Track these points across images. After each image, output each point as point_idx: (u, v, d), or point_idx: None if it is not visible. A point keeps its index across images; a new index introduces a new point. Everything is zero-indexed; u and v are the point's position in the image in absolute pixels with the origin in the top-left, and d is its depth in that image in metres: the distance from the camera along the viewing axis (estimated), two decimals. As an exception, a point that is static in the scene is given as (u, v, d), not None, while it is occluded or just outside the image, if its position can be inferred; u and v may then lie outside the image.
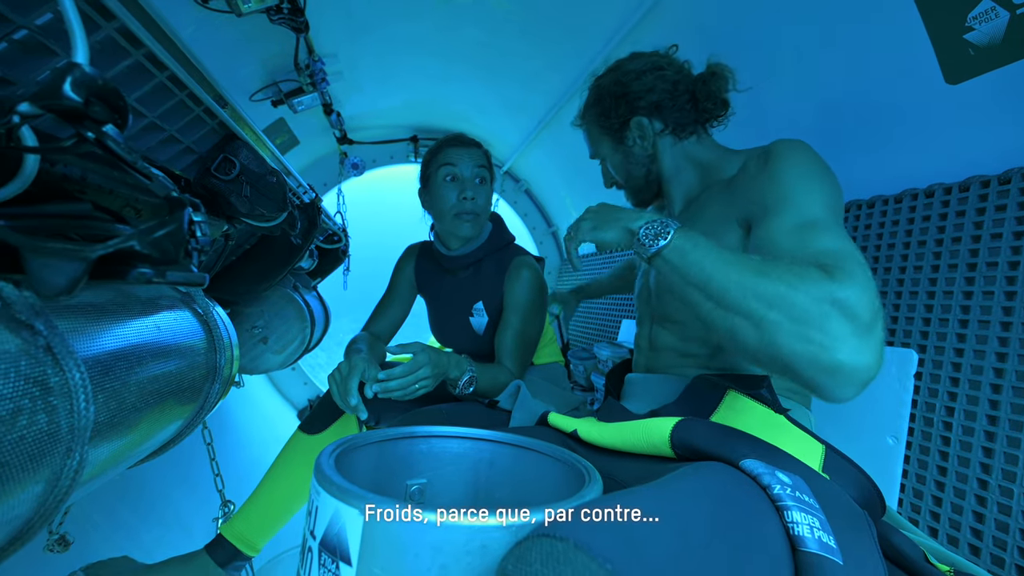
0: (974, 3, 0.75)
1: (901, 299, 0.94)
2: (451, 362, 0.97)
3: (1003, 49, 0.74)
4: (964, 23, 0.77)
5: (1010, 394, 0.75)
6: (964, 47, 0.78)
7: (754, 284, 0.50)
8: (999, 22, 0.73)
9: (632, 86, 0.83)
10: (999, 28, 0.73)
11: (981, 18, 0.75)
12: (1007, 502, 0.73)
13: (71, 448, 0.32)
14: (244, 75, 1.49)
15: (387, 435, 0.69)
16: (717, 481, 0.46)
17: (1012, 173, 0.79)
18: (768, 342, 0.49)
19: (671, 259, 0.56)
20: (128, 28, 0.57)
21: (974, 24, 0.76)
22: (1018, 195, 0.78)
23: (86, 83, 0.38)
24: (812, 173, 0.63)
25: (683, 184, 0.85)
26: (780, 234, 0.58)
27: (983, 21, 0.75)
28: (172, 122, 0.78)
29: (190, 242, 0.50)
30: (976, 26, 0.76)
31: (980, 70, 0.78)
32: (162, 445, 0.62)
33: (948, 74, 0.83)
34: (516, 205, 2.90)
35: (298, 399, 2.65)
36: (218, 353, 0.68)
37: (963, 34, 0.78)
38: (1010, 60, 0.74)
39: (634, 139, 0.86)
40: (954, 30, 0.78)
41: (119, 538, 1.05)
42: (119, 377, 0.42)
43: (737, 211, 0.70)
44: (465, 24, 1.63)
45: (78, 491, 0.38)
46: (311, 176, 2.47)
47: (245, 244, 1.35)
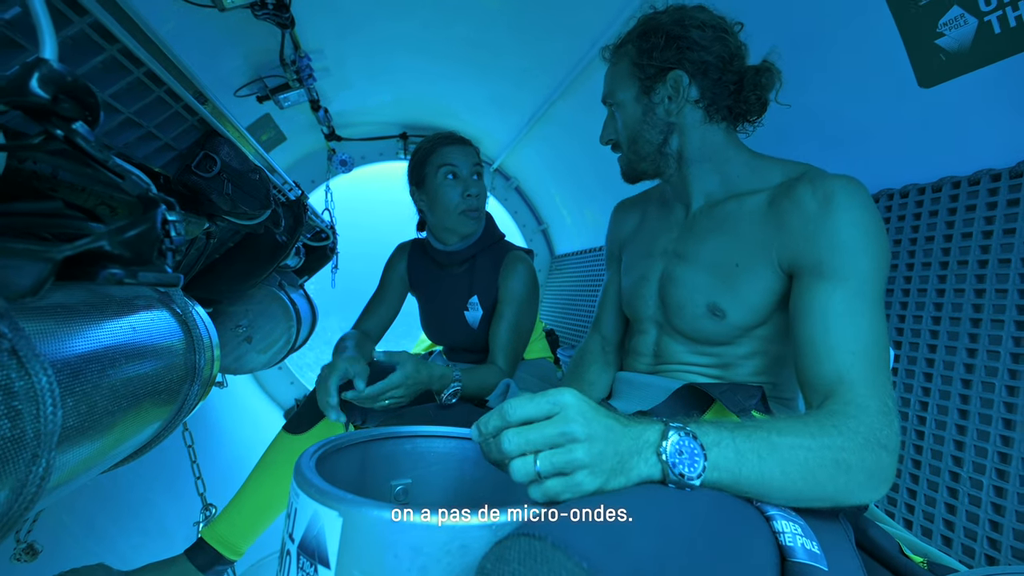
0: (944, 10, 0.76)
1: (878, 298, 0.96)
2: (434, 375, 0.98)
3: (972, 54, 0.76)
4: (935, 29, 0.79)
5: (979, 389, 0.77)
6: (936, 52, 0.80)
7: (808, 476, 0.49)
8: (968, 28, 0.75)
9: (692, 33, 0.72)
10: (968, 34, 0.75)
11: (951, 24, 0.76)
12: (977, 494, 0.75)
13: (37, 454, 0.31)
14: (227, 70, 1.46)
15: (371, 435, 0.69)
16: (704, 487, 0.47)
17: (981, 174, 0.82)
18: (840, 500, 0.53)
19: (714, 480, 0.47)
20: (101, 23, 0.56)
21: (944, 30, 0.78)
22: (987, 195, 0.80)
23: (54, 79, 0.37)
24: (874, 235, 0.61)
25: (707, 176, 0.76)
26: (833, 313, 0.59)
27: (953, 28, 0.76)
28: (150, 118, 0.76)
29: (164, 242, 0.50)
30: (947, 32, 0.77)
31: (951, 74, 0.80)
32: (138, 448, 0.61)
33: (921, 78, 0.84)
34: (506, 202, 2.90)
35: (284, 399, 2.62)
36: (197, 353, 0.67)
37: (934, 39, 0.79)
38: (979, 65, 0.76)
39: (663, 96, 0.74)
40: (926, 36, 0.80)
41: (94, 545, 1.03)
42: (90, 380, 0.41)
43: (781, 251, 0.65)
44: (454, 21, 1.63)
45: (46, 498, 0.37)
46: (298, 173, 2.44)
47: (228, 242, 1.33)
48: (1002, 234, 0.78)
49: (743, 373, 0.73)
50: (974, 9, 0.73)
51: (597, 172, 2.12)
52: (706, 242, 0.73)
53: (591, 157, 2.03)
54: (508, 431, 0.44)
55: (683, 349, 0.77)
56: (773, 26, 1.02)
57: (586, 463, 0.43)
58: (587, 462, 0.43)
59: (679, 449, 0.46)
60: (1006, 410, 0.73)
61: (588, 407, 0.45)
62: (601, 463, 0.43)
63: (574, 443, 0.43)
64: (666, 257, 0.79)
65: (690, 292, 0.73)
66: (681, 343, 0.77)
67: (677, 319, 0.75)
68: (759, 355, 0.72)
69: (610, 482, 0.44)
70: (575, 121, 1.97)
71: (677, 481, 0.45)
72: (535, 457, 0.43)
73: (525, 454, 0.43)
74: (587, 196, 2.32)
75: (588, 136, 1.64)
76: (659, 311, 0.79)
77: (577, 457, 0.42)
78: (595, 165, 2.08)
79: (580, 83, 1.68)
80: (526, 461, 0.43)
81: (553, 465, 0.43)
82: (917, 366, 0.87)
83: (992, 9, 0.71)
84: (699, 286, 0.72)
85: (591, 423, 0.44)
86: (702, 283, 0.72)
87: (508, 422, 0.44)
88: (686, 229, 0.78)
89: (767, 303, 0.68)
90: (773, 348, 0.71)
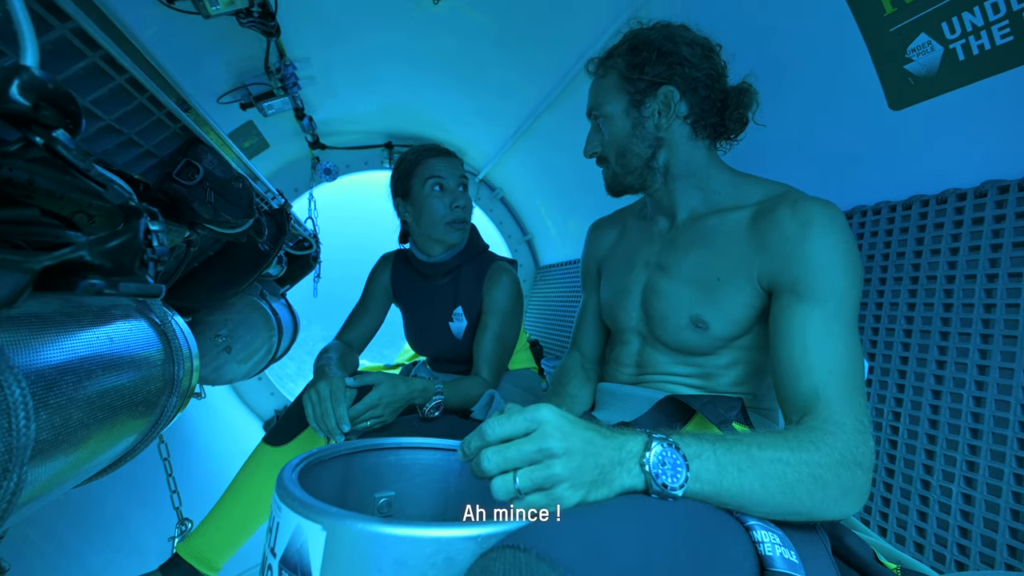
0: (912, 37, 0.81)
1: (853, 310, 0.99)
2: (415, 390, 0.98)
3: (939, 79, 0.80)
4: (904, 55, 0.83)
5: (948, 400, 0.80)
6: (905, 76, 0.84)
7: (787, 490, 0.51)
8: (934, 55, 0.79)
9: (683, 49, 0.73)
10: (935, 60, 0.80)
11: (919, 51, 0.81)
12: (947, 501, 0.78)
13: (8, 469, 0.30)
14: (210, 77, 1.45)
15: (354, 447, 0.68)
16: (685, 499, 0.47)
17: (948, 194, 0.86)
18: (816, 515, 0.54)
19: (696, 492, 0.48)
20: (83, 29, 0.55)
21: (913, 56, 0.82)
22: (954, 214, 0.84)
23: (35, 87, 0.37)
24: (850, 258, 0.63)
25: (691, 192, 0.77)
26: (811, 333, 0.61)
27: (921, 54, 0.81)
28: (131, 125, 0.75)
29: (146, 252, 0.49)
30: (915, 58, 0.82)
31: (920, 98, 0.84)
32: (113, 462, 0.59)
33: (892, 101, 0.89)
34: (492, 213, 2.91)
35: (264, 410, 2.56)
36: (176, 364, 0.66)
37: (904, 64, 0.84)
38: (946, 89, 0.80)
39: (653, 111, 0.74)
40: (896, 61, 0.84)
41: (63, 563, 0.99)
42: (65, 392, 0.40)
43: (761, 270, 0.67)
44: (441, 33, 1.64)
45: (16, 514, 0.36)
46: (282, 181, 2.41)
47: (209, 250, 1.30)
48: (967, 251, 0.81)
49: (725, 383, 0.74)
50: (940, 37, 0.77)
51: (582, 184, 2.14)
52: (688, 255, 0.75)
53: (577, 169, 2.06)
54: (487, 450, 0.44)
55: (666, 360, 0.77)
56: (752, 49, 1.06)
57: (565, 477, 0.43)
58: (566, 476, 0.43)
59: (662, 460, 0.46)
60: (973, 420, 0.76)
61: (566, 421, 0.45)
62: (581, 476, 0.44)
63: (552, 458, 0.43)
64: (649, 269, 0.80)
65: (673, 304, 0.74)
66: (664, 353, 0.78)
67: (660, 330, 0.76)
68: (740, 365, 0.73)
69: (591, 493, 0.45)
70: (561, 133, 2.00)
71: (660, 491, 0.46)
72: (514, 475, 0.43)
73: (505, 472, 0.44)
74: (572, 208, 2.34)
75: (574, 148, 1.66)
76: (642, 322, 0.80)
77: (556, 472, 0.43)
78: (581, 177, 2.11)
79: (566, 96, 1.71)
80: (506, 479, 0.44)
81: (532, 481, 0.43)
82: (890, 377, 0.90)
83: (957, 37, 0.76)
84: (682, 298, 0.74)
85: (569, 437, 0.44)
86: (685, 296, 0.73)
87: (487, 441, 0.45)
88: (669, 242, 0.79)
89: (748, 316, 0.70)
90: (754, 358, 0.73)
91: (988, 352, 0.76)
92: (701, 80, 0.73)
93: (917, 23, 0.79)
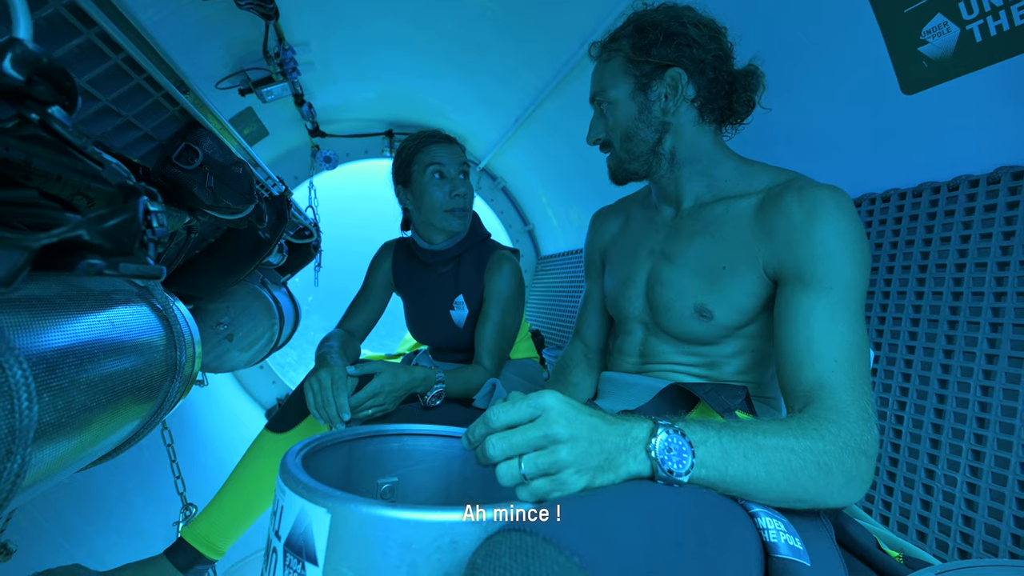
0: (928, 18, 0.79)
1: (859, 298, 0.98)
2: (416, 378, 0.98)
3: (954, 62, 0.78)
4: (919, 36, 0.81)
5: (955, 389, 0.80)
6: (919, 59, 0.82)
7: (791, 477, 0.50)
8: (950, 36, 0.77)
9: (690, 30, 0.71)
10: (950, 42, 0.78)
11: (934, 32, 0.79)
12: (951, 490, 0.77)
13: (11, 450, 0.30)
14: (209, 61, 1.43)
15: (357, 434, 0.67)
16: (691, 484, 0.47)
17: (960, 180, 0.84)
18: (820, 502, 0.54)
19: (702, 478, 0.48)
20: (79, 5, 0.54)
21: (928, 38, 0.80)
22: (965, 201, 0.83)
23: (29, 60, 0.36)
24: (858, 246, 0.62)
25: (696, 178, 0.76)
26: (817, 321, 0.60)
27: (936, 35, 0.79)
28: (129, 107, 0.74)
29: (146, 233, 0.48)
30: (930, 39, 0.80)
31: (934, 81, 0.82)
32: (117, 446, 0.59)
33: (905, 85, 0.87)
34: (493, 203, 2.89)
35: (266, 398, 2.57)
36: (178, 350, 0.65)
37: (918, 47, 0.82)
38: (961, 72, 0.78)
39: (660, 94, 0.72)
40: (910, 43, 0.82)
41: (69, 545, 1.00)
42: (67, 375, 0.40)
43: (767, 258, 0.66)
44: (442, 19, 1.62)
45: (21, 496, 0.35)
46: (281, 169, 2.39)
47: (210, 237, 1.29)
48: (979, 239, 0.80)
49: (729, 372, 0.74)
50: (956, 17, 0.75)
51: (584, 174, 2.12)
52: (693, 244, 0.74)
53: (578, 159, 2.04)
54: (492, 437, 0.44)
55: (670, 349, 0.77)
56: (759, 31, 1.04)
57: (570, 462, 0.43)
58: (571, 461, 0.43)
59: (668, 446, 0.46)
60: (980, 409, 0.76)
61: (570, 408, 0.45)
62: (586, 461, 0.44)
63: (557, 444, 0.43)
64: (653, 258, 0.79)
65: (678, 293, 0.74)
66: (668, 343, 0.77)
67: (664, 320, 0.75)
68: (745, 353, 0.73)
69: (597, 479, 0.45)
70: (562, 122, 1.98)
71: (666, 477, 0.46)
72: (519, 460, 0.44)
73: (510, 458, 0.44)
74: (574, 197, 2.33)
75: (575, 137, 1.64)
76: (646, 311, 0.79)
77: (561, 458, 0.43)
78: (582, 167, 2.09)
79: (568, 84, 1.69)
80: (511, 465, 0.44)
81: (537, 467, 0.43)
82: (896, 366, 0.90)
83: (974, 18, 0.74)
84: (686, 287, 0.73)
85: (573, 423, 0.44)
86: (689, 284, 0.73)
87: (492, 428, 0.45)
88: (673, 230, 0.78)
89: (753, 305, 0.69)
90: (758, 346, 0.72)
91: (997, 341, 0.75)
92: (709, 62, 0.71)
93: (933, 3, 0.77)
